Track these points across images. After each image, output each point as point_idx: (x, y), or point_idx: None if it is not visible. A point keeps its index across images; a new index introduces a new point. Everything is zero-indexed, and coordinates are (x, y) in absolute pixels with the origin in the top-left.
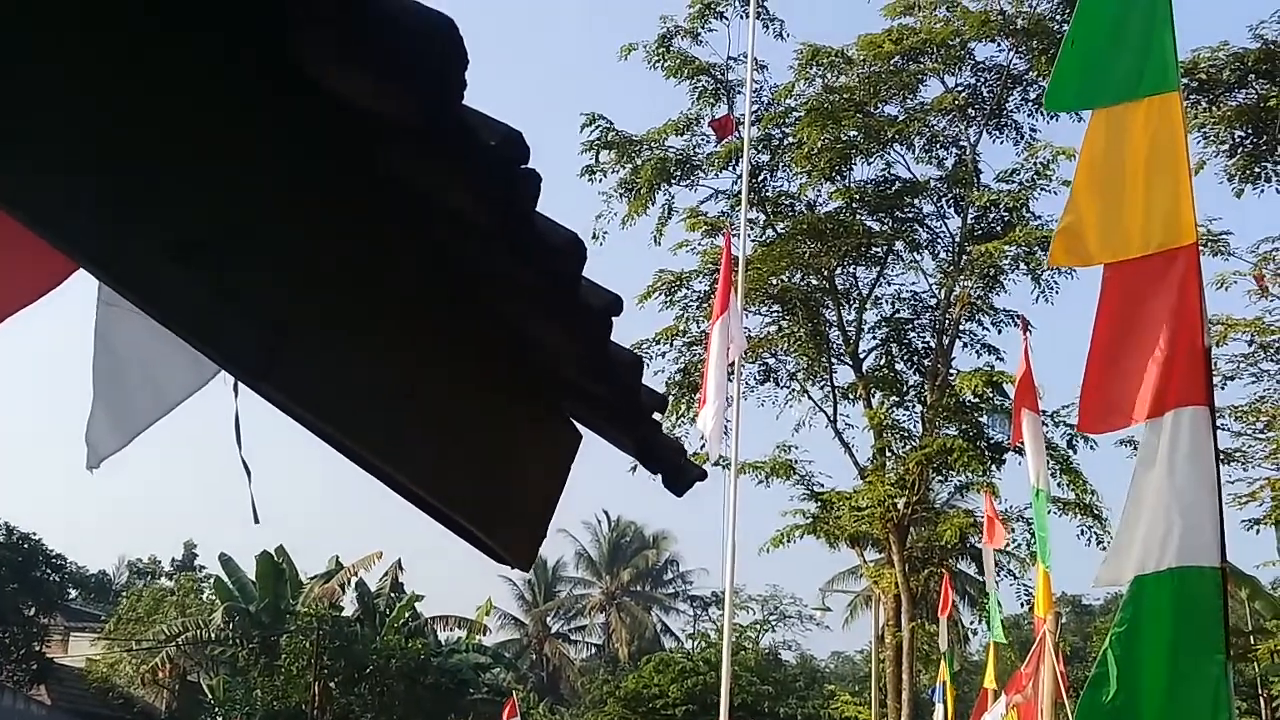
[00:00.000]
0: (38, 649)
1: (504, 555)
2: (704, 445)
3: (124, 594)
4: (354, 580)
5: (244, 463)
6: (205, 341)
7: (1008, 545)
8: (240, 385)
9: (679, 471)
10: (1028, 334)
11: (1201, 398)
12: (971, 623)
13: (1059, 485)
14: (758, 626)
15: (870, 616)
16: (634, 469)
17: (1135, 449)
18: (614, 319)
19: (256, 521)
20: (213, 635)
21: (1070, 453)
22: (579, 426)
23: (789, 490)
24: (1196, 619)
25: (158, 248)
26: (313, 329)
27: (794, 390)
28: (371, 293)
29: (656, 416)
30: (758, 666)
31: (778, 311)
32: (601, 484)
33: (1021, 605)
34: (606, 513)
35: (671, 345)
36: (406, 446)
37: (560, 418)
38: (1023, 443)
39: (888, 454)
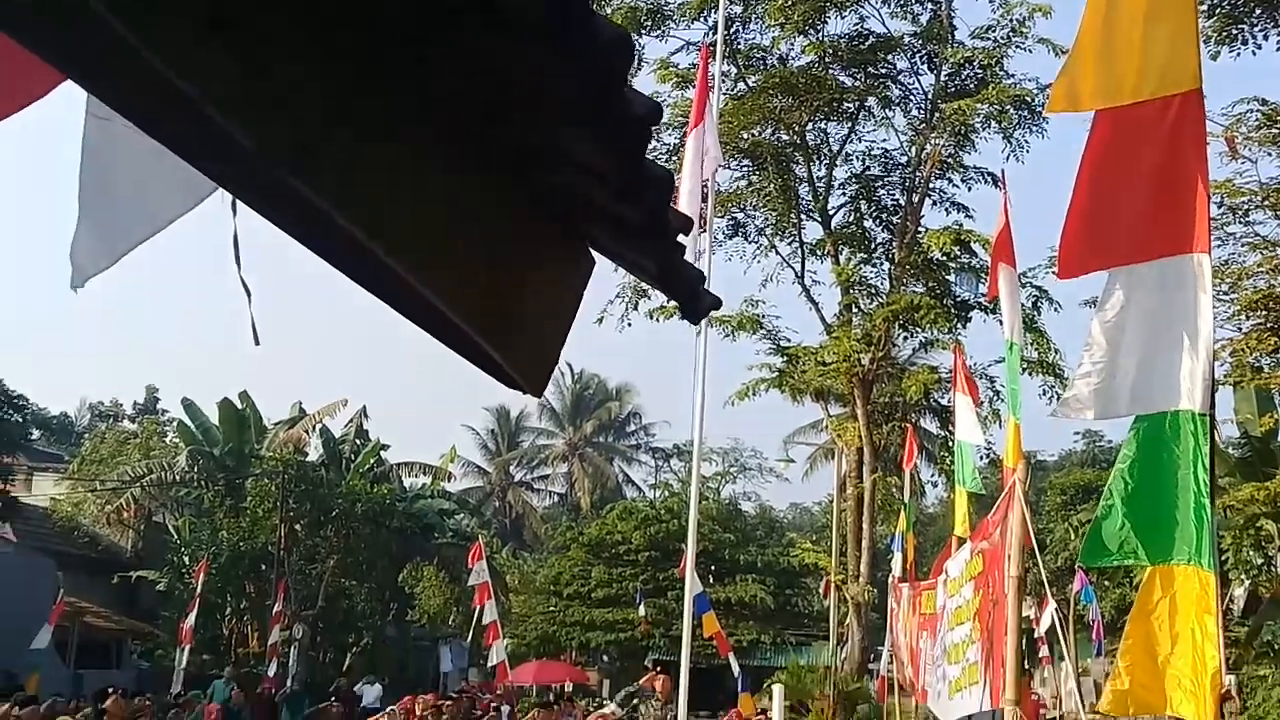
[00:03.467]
0: (2, 487)
1: (516, 378)
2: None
3: (86, 436)
4: (318, 427)
5: (244, 283)
6: (236, 122)
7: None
8: (239, 205)
9: (696, 298)
10: (1005, 190)
11: (1204, 245)
12: (930, 477)
13: (1024, 346)
14: (719, 477)
15: (830, 470)
16: (600, 320)
17: (1096, 307)
18: (652, 128)
19: (256, 343)
20: (177, 477)
21: (1035, 314)
22: (592, 253)
23: (755, 344)
24: (1185, 459)
25: (188, 25)
26: (345, 125)
27: (762, 246)
28: (408, 94)
29: (681, 239)
30: (719, 515)
31: (748, 166)
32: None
33: (982, 458)
34: (570, 365)
35: None
36: (430, 254)
37: (579, 241)
38: (998, 297)
39: (854, 310)
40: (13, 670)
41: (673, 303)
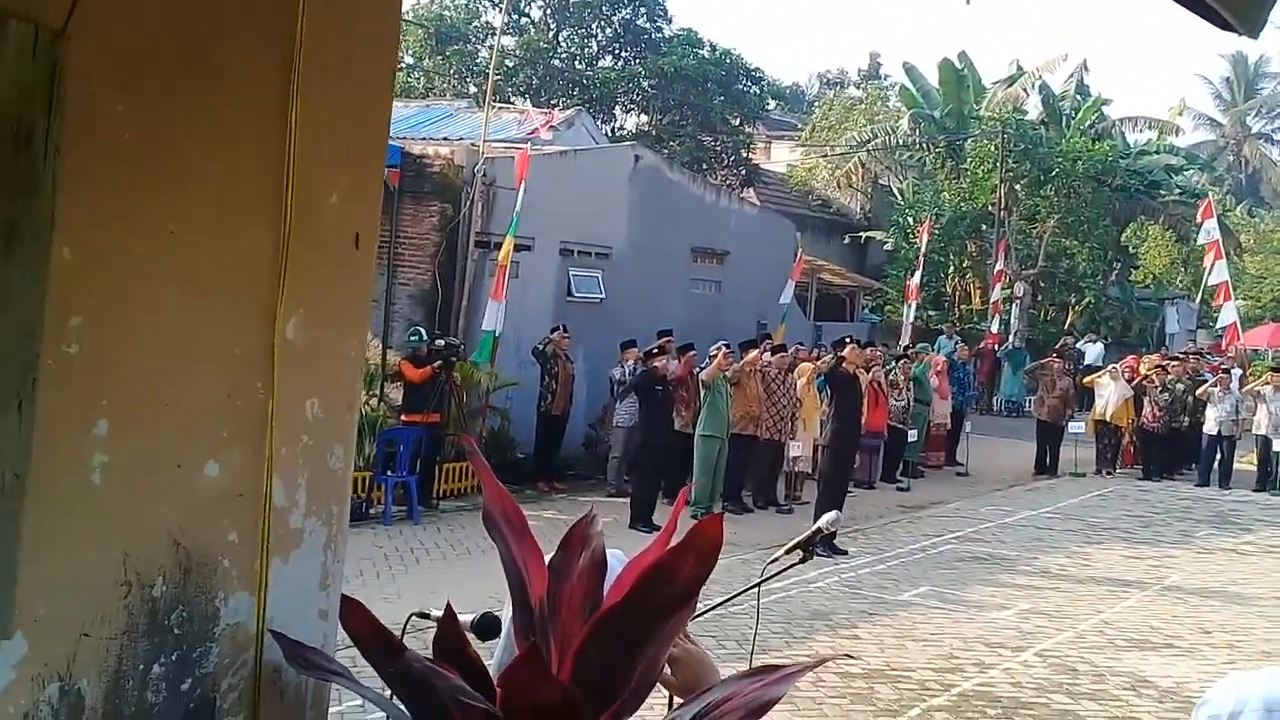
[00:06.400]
0: (745, 155)
1: (1226, 16)
2: None
3: (816, 104)
4: (1037, 84)
5: None
6: None
7: None
8: None
9: None
10: None
11: None
12: None
13: None
14: None
15: None
16: None
17: None
18: None
19: (968, 1)
20: (900, 141)
21: None
22: None
23: None
24: None
25: None
26: None
27: None
28: None
29: None
30: None
31: None
32: None
33: None
34: None
35: None
36: None
37: None
38: None
39: None
40: (763, 321)
41: None
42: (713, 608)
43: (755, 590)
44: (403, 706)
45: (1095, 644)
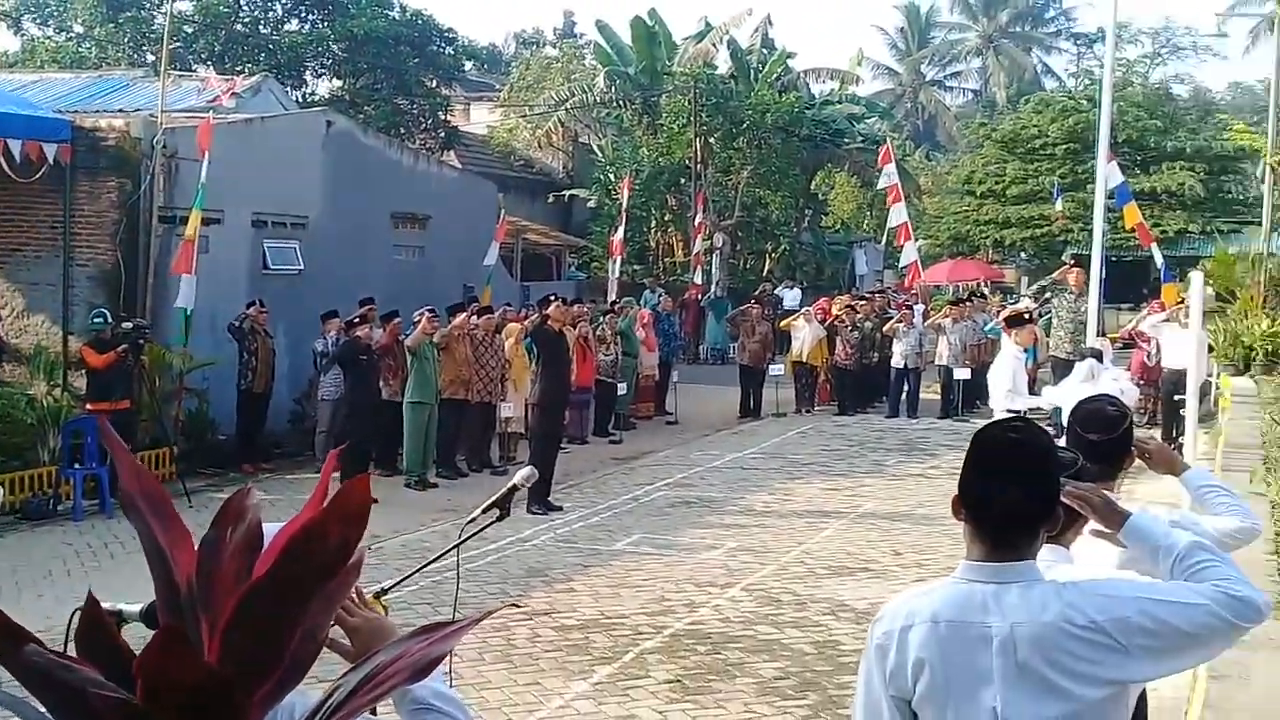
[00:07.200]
0: (443, 117)
1: None
2: None
3: (513, 64)
4: (725, 39)
5: None
6: None
7: None
8: None
9: None
10: None
11: None
12: None
13: None
14: (1146, 60)
15: (1274, 42)
16: None
17: None
18: None
19: None
20: (597, 99)
21: None
22: None
23: None
24: None
25: None
26: None
27: None
28: None
29: None
30: (1146, 101)
31: None
32: None
33: None
34: None
35: None
36: None
37: None
38: None
39: None
40: (469, 284)
41: None
42: (411, 574)
43: (455, 552)
44: (41, 707)
45: (797, 574)
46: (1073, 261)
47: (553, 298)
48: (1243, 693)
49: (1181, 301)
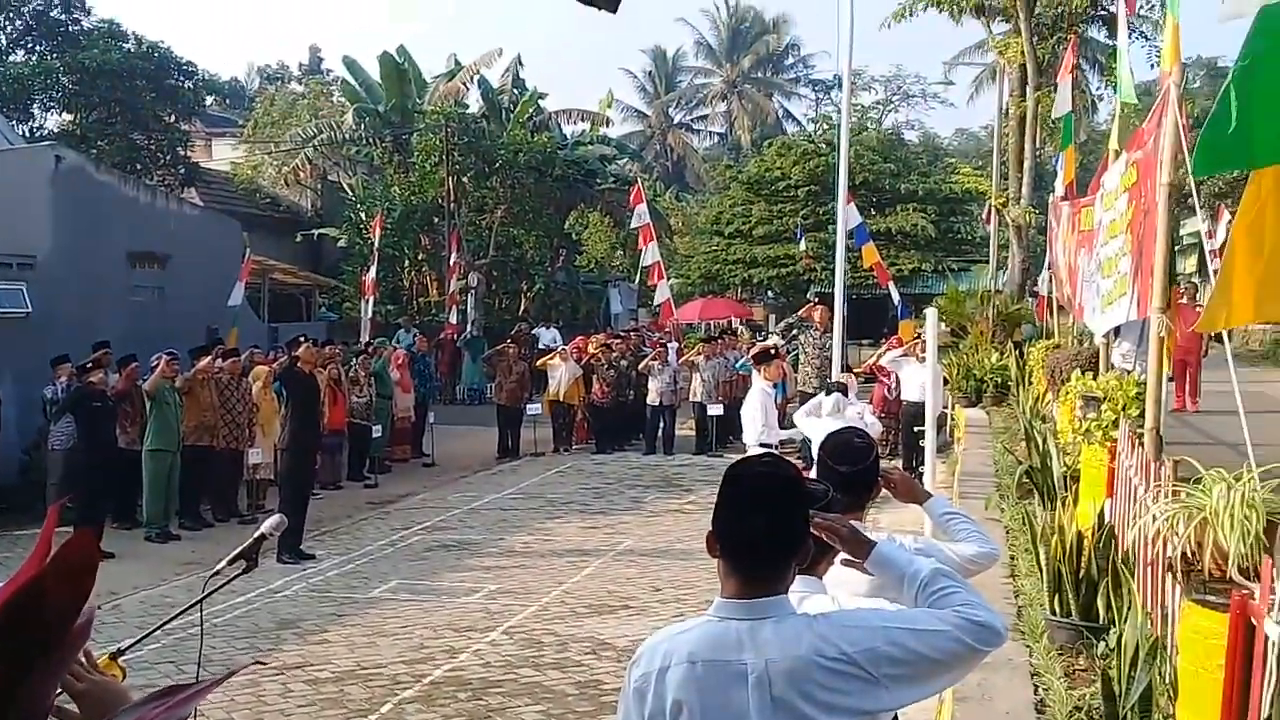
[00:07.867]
0: (183, 153)
1: None
2: None
3: (257, 100)
4: (475, 78)
5: None
6: None
7: (1141, 7)
8: None
9: None
10: None
11: None
12: (1099, 88)
13: None
14: (879, 106)
15: (995, 91)
16: None
17: None
18: None
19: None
20: (345, 136)
21: None
22: None
23: None
24: None
25: None
26: None
27: None
28: None
29: None
30: (880, 146)
31: None
32: None
33: (1153, 68)
34: None
35: None
36: None
37: None
38: None
39: None
40: (214, 325)
41: None
42: (151, 632)
43: (199, 607)
44: None
45: (558, 614)
46: (817, 299)
47: (303, 339)
48: (986, 712)
49: (918, 337)
